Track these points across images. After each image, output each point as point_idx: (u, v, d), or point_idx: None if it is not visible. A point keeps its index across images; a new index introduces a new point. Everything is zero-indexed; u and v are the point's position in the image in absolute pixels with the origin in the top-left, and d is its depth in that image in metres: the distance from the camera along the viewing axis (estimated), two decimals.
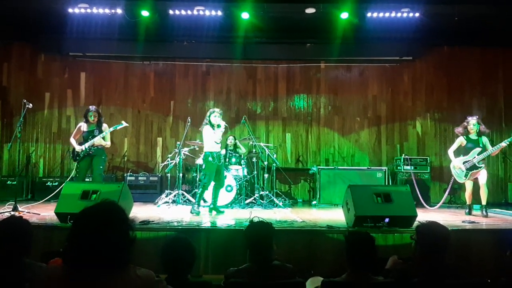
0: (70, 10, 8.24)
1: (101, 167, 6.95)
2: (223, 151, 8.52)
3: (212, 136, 6.60)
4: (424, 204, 7.67)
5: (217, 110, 6.79)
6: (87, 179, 7.27)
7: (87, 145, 6.79)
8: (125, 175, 8.86)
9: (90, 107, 7.09)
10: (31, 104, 6.79)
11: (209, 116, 6.71)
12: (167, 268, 2.61)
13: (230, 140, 8.71)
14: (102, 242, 1.64)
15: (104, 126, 7.03)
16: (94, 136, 6.84)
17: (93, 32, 8.71)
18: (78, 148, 6.84)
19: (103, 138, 6.92)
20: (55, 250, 3.80)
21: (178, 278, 2.53)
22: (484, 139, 6.84)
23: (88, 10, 8.27)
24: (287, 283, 2.73)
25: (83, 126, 7.00)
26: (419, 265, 2.86)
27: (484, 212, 6.59)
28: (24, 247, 2.73)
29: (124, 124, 7.24)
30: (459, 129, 6.99)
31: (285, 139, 9.89)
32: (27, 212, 6.07)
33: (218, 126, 6.65)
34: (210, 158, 6.59)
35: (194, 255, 2.73)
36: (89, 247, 1.63)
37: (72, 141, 6.95)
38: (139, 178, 8.84)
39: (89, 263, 1.63)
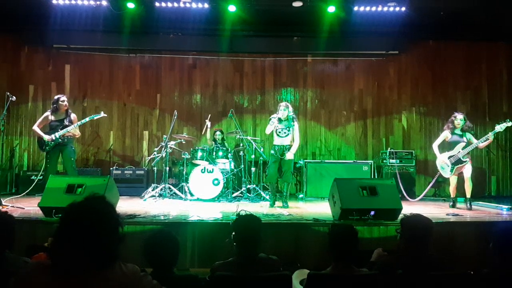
0: (54, 1, 8.13)
1: (73, 158, 6.88)
2: (210, 143, 8.53)
3: (272, 129, 6.95)
4: (406, 197, 7.75)
5: (282, 103, 7.03)
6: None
7: (58, 134, 6.68)
8: (111, 168, 8.78)
9: (61, 96, 6.99)
10: (14, 97, 6.69)
11: (277, 111, 6.96)
12: (151, 262, 2.60)
13: (217, 135, 8.67)
14: (91, 238, 1.61)
15: (73, 116, 6.97)
16: (64, 126, 6.75)
17: (77, 24, 8.60)
18: (48, 137, 6.68)
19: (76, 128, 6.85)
20: (39, 245, 3.77)
21: (163, 272, 2.53)
22: (468, 135, 6.93)
23: (73, 2, 8.17)
24: (273, 275, 2.75)
25: (51, 115, 6.86)
26: (403, 257, 2.90)
27: (468, 205, 6.69)
28: (7, 241, 2.70)
29: (103, 114, 7.19)
30: (448, 125, 7.03)
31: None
32: (11, 206, 6.00)
33: (288, 119, 6.93)
34: (272, 151, 7.00)
35: (178, 248, 2.73)
36: (77, 243, 1.60)
37: (38, 129, 6.78)
38: (125, 171, 8.77)
39: (76, 260, 1.60)
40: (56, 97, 7.01)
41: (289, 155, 6.89)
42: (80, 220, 1.64)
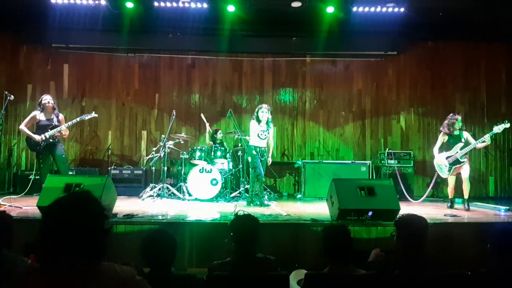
0: (52, 1, 8.11)
1: (64, 156, 6.97)
2: (210, 143, 8.51)
3: (256, 131, 6.93)
4: (408, 198, 7.77)
5: (264, 105, 7.03)
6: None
7: (48, 134, 6.71)
8: (109, 168, 8.78)
9: (44, 95, 7.01)
10: (12, 96, 6.68)
11: (257, 112, 6.98)
12: (149, 261, 2.60)
13: (220, 134, 8.67)
14: (74, 233, 1.58)
15: (61, 116, 7.01)
16: (54, 126, 6.77)
17: (76, 23, 8.61)
18: (38, 137, 6.69)
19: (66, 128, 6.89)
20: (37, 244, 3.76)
21: (161, 271, 2.53)
22: (465, 134, 6.92)
23: (71, 1, 8.16)
24: (270, 276, 2.75)
25: (39, 115, 6.85)
26: (400, 258, 2.90)
27: (466, 205, 6.69)
28: (4, 240, 2.70)
29: (94, 114, 7.25)
30: (445, 130, 6.97)
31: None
32: (8, 206, 5.99)
33: (267, 122, 6.96)
34: (254, 152, 6.93)
35: (175, 247, 2.72)
36: (60, 238, 1.57)
37: (26, 129, 6.77)
38: (123, 171, 8.76)
39: (62, 256, 1.57)
40: (43, 96, 7.03)
41: (270, 160, 7.34)
42: (62, 216, 1.61)
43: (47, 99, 6.89)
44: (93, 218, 1.66)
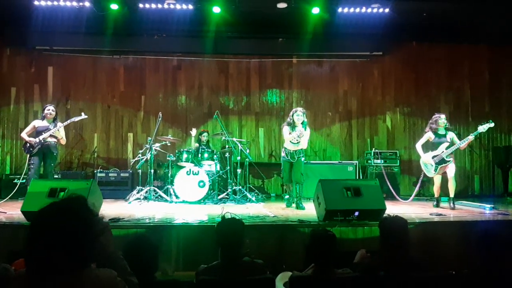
0: (36, 3, 8.04)
1: (53, 164, 7.24)
2: (195, 145, 8.47)
3: (287, 138, 6.89)
4: (396, 197, 7.82)
5: (299, 109, 6.99)
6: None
7: (41, 137, 6.92)
8: (95, 171, 8.71)
9: (48, 105, 7.35)
10: None
11: (292, 115, 6.91)
12: (131, 268, 2.57)
13: (204, 137, 8.62)
14: (62, 239, 1.57)
15: (59, 124, 7.22)
16: (49, 130, 7.01)
17: (60, 26, 8.53)
18: (33, 140, 6.95)
19: (58, 131, 7.09)
20: (22, 250, 3.71)
21: (144, 278, 2.50)
22: (451, 134, 7.01)
23: (55, 3, 8.09)
24: (256, 279, 2.75)
25: (38, 123, 7.17)
26: (385, 259, 2.92)
27: (451, 204, 6.75)
28: None
29: (83, 116, 7.39)
30: (429, 128, 7.09)
31: (258, 134, 9.89)
32: None
33: (303, 124, 6.88)
34: (283, 154, 7.01)
35: (157, 254, 2.70)
36: (48, 245, 1.55)
37: (25, 136, 7.07)
38: (110, 174, 8.70)
39: (49, 262, 1.56)
40: (44, 106, 7.37)
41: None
42: (46, 222, 1.61)
43: (49, 109, 7.20)
44: (82, 225, 1.64)
